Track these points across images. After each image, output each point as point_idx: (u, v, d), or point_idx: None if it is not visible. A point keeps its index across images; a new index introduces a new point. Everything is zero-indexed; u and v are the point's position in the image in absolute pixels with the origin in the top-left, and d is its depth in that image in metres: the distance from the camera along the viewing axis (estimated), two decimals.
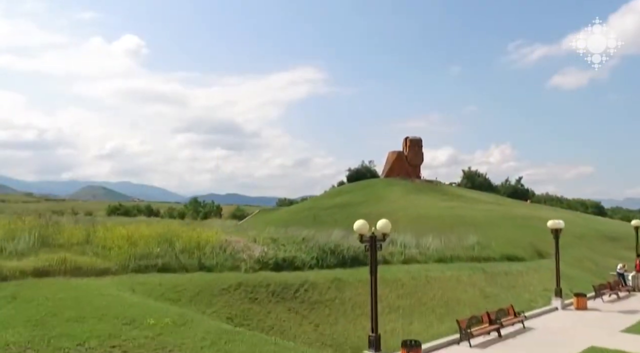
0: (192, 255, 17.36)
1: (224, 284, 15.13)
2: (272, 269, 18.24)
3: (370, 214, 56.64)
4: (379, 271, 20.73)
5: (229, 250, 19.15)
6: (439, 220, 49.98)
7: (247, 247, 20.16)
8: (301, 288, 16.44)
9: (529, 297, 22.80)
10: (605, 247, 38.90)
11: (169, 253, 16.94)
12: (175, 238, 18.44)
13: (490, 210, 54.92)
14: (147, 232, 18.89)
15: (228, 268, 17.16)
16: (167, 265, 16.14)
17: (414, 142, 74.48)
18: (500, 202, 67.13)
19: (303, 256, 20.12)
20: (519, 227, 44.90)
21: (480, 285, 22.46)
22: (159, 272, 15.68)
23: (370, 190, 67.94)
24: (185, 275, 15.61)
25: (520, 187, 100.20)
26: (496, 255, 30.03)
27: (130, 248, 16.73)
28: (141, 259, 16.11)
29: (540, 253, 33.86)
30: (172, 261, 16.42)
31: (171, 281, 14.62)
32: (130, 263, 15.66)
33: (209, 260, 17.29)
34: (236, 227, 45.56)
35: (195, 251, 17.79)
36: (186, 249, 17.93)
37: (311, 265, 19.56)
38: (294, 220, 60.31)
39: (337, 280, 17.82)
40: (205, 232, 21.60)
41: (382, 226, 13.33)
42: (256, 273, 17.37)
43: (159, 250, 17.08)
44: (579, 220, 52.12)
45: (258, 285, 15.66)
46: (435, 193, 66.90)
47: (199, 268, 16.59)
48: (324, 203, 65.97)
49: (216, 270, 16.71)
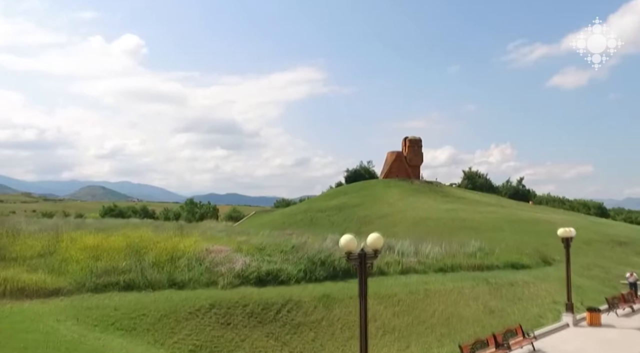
0: (162, 269, 15.46)
1: (194, 305, 13.23)
2: (253, 284, 16.38)
3: (367, 217, 54.99)
4: (372, 284, 18.90)
5: (207, 263, 17.28)
6: (439, 223, 48.16)
7: (228, 259, 18.27)
8: (284, 308, 14.54)
9: (537, 311, 20.93)
10: (614, 252, 37.02)
11: (136, 268, 15.03)
12: (146, 250, 16.55)
13: (492, 212, 53.09)
14: (116, 242, 17.02)
15: (203, 284, 15.29)
16: (132, 282, 14.25)
17: (414, 142, 72.65)
18: (503, 204, 65.33)
19: (290, 268, 18.23)
20: (523, 231, 43.08)
21: (484, 298, 20.59)
22: (122, 291, 13.79)
23: (368, 191, 66.13)
24: (150, 294, 13.70)
25: (522, 188, 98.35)
26: (500, 262, 28.18)
27: (91, 262, 14.87)
28: (102, 276, 14.23)
29: (546, 260, 32.04)
30: (138, 277, 14.51)
31: (131, 303, 12.74)
32: (88, 282, 13.77)
33: (181, 275, 15.40)
34: (227, 232, 43.75)
35: (167, 265, 15.90)
36: (157, 262, 16.05)
37: (298, 278, 17.67)
38: (289, 222, 58.52)
39: (325, 297, 15.91)
40: (183, 241, 19.75)
41: (374, 241, 11.43)
42: (235, 289, 15.51)
43: (125, 264, 15.19)
44: (584, 223, 50.22)
45: (234, 305, 13.76)
46: (436, 194, 65.10)
47: (168, 285, 14.69)
48: (321, 205, 64.16)
49: (189, 287, 14.83)
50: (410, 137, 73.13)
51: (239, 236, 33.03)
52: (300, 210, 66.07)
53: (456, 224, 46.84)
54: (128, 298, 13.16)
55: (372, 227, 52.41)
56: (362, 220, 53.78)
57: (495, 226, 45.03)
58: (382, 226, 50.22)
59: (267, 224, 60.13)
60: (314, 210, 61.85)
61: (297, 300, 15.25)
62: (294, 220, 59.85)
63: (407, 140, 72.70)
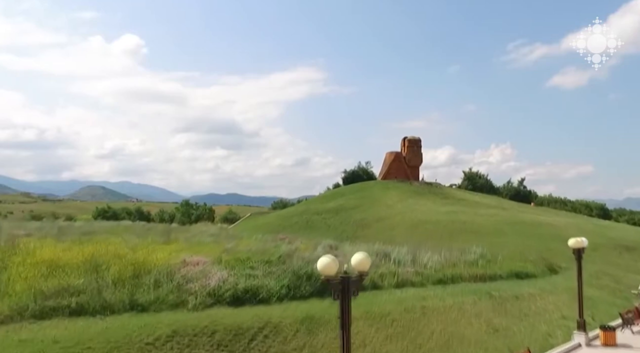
0: (123, 288, 13.60)
1: (152, 333, 11.34)
2: (228, 304, 14.55)
3: (364, 220, 53.10)
4: (364, 302, 17.02)
5: (179, 279, 15.44)
6: (439, 226, 46.36)
7: (204, 273, 16.44)
8: (259, 334, 12.67)
9: (545, 329, 19.07)
10: (622, 259, 35.21)
11: (92, 287, 13.15)
12: (108, 265, 14.69)
13: (493, 215, 51.29)
14: (77, 255, 15.17)
15: (170, 305, 13.45)
16: (86, 305, 12.35)
17: (413, 142, 70.82)
18: (504, 206, 63.53)
19: (271, 284, 16.40)
20: (526, 234, 41.32)
21: (487, 315, 18.75)
22: (72, 316, 11.94)
23: (365, 193, 64.32)
24: (102, 321, 11.83)
25: (523, 188, 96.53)
26: (503, 271, 26.40)
27: (41, 281, 13.01)
28: (51, 298, 12.36)
29: (552, 267, 30.25)
30: (94, 298, 12.63)
31: (76, 333, 10.84)
32: (32, 305, 11.89)
33: (145, 294, 13.52)
34: (218, 235, 42.01)
35: (130, 282, 14.05)
36: (120, 279, 14.19)
37: (280, 296, 15.83)
38: (285, 225, 56.72)
39: (308, 320, 14.03)
40: (156, 252, 17.95)
41: (359, 262, 9.60)
42: (206, 311, 13.66)
43: (80, 282, 13.34)
44: (589, 226, 48.42)
45: (200, 332, 11.88)
46: (435, 196, 63.28)
47: (129, 307, 12.81)
48: (318, 208, 62.35)
49: (152, 310, 12.98)
50: (409, 137, 71.30)
51: (227, 242, 31.24)
52: (296, 212, 64.27)
53: (456, 227, 45.07)
54: (75, 326, 11.28)
55: (369, 231, 50.71)
56: (359, 223, 52.02)
57: (497, 230, 43.26)
58: (380, 230, 48.47)
59: (262, 227, 58.35)
60: (311, 213, 60.07)
61: (277, 323, 13.39)
62: (290, 222, 58.09)
63: (406, 141, 70.86)
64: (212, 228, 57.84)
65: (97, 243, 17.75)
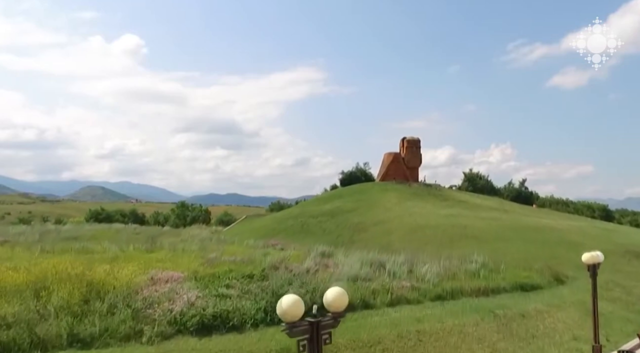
0: (65, 318, 11.57)
1: None
2: (193, 333, 12.58)
3: (361, 223, 51.03)
4: (353, 325, 14.93)
5: (138, 302, 13.47)
6: (438, 230, 44.38)
7: (169, 295, 14.48)
8: None
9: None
10: (632, 267, 33.10)
11: (26, 317, 11.16)
12: (53, 288, 12.70)
13: (495, 218, 49.30)
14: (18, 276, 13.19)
15: (121, 338, 11.46)
16: (12, 341, 10.40)
17: (412, 142, 68.82)
18: (506, 208, 61.54)
19: (247, 306, 14.40)
20: (529, 240, 39.32)
21: (491, 338, 16.77)
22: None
23: (363, 195, 62.40)
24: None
25: (524, 190, 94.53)
26: (507, 283, 24.38)
27: None
28: None
29: (558, 277, 28.24)
30: (23, 332, 10.65)
31: None
32: None
33: (90, 326, 11.52)
34: (208, 240, 40.22)
35: (78, 309, 12.05)
36: (67, 306, 12.22)
37: (256, 321, 13.83)
38: (280, 228, 54.78)
39: (284, 352, 12.08)
40: (118, 268, 15.99)
41: (334, 299, 7.59)
42: (165, 343, 11.71)
43: (15, 310, 11.36)
44: (594, 231, 46.41)
45: None
46: (434, 198, 61.32)
47: (68, 343, 10.83)
48: (314, 210, 60.40)
49: (98, 345, 11.00)
50: (408, 138, 69.32)
51: (214, 248, 29.27)
52: (292, 215, 62.31)
53: (456, 232, 43.11)
54: None
55: (366, 235, 48.75)
56: (355, 227, 50.07)
57: (499, 235, 41.26)
58: (377, 234, 46.51)
59: (256, 230, 56.47)
60: (306, 216, 58.10)
61: None
62: (285, 226, 56.19)
63: (404, 141, 68.88)
64: (204, 232, 55.92)
65: (52, 257, 15.77)
